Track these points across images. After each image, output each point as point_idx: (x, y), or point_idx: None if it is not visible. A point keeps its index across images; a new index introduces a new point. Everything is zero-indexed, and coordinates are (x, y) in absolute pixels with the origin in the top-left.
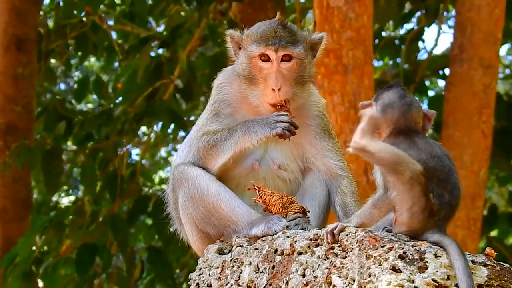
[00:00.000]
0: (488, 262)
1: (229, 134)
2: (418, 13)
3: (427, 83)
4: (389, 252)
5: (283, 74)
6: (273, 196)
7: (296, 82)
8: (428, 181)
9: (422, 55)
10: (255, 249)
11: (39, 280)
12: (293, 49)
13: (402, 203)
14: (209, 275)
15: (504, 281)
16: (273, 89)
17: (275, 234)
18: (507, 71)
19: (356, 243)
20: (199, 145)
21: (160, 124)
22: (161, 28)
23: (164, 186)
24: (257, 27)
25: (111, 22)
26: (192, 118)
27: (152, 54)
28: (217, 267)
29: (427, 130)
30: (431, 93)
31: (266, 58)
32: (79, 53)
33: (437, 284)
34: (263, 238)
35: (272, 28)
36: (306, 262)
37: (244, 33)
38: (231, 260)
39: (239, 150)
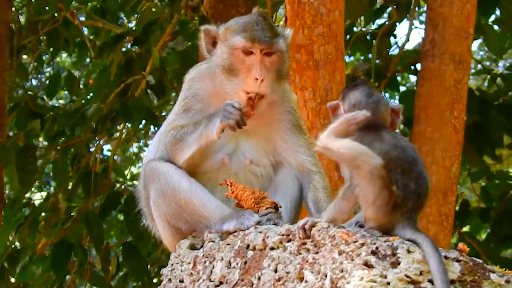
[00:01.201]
0: (461, 258)
1: (194, 128)
2: (390, 9)
3: (398, 78)
4: (361, 247)
5: (266, 66)
6: (245, 191)
7: (276, 76)
8: (392, 172)
9: (394, 51)
10: (227, 244)
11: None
12: (277, 42)
13: (365, 198)
14: (181, 270)
15: (477, 277)
16: (256, 79)
17: (247, 229)
18: (479, 66)
19: (328, 238)
20: (166, 140)
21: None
22: (132, 24)
23: (136, 182)
24: (235, 20)
25: (82, 18)
26: (163, 114)
27: (123, 49)
28: (189, 263)
29: (397, 125)
30: (402, 88)
31: (249, 51)
32: (51, 49)
33: (409, 280)
34: (235, 234)
35: (254, 21)
36: (278, 258)
37: (222, 27)
38: (203, 255)
39: (204, 143)
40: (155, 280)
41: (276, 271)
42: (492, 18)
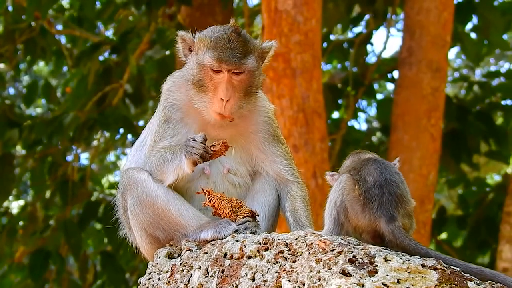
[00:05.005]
0: (438, 266)
1: (173, 157)
2: (367, 17)
3: (376, 86)
4: (338, 256)
5: (233, 85)
6: (222, 200)
7: (245, 93)
8: (353, 174)
9: (371, 59)
10: (205, 253)
11: None
12: (246, 62)
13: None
14: (159, 279)
15: (454, 285)
16: (222, 99)
17: (225, 238)
18: (456, 74)
19: (306, 247)
20: (152, 160)
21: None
22: (109, 33)
23: (113, 191)
24: (210, 32)
25: (60, 27)
26: (141, 123)
27: (100, 58)
28: (167, 271)
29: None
30: (380, 96)
31: (218, 70)
32: (28, 57)
33: None
34: (213, 242)
35: (226, 37)
36: (256, 266)
37: (196, 37)
38: (180, 264)
39: (182, 175)
40: None
41: (253, 279)
42: (469, 25)
